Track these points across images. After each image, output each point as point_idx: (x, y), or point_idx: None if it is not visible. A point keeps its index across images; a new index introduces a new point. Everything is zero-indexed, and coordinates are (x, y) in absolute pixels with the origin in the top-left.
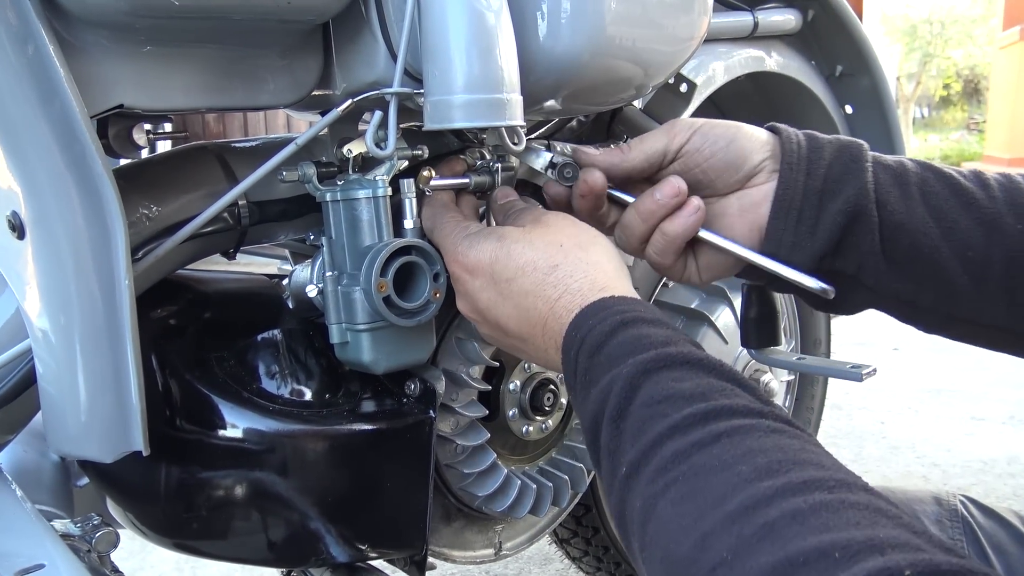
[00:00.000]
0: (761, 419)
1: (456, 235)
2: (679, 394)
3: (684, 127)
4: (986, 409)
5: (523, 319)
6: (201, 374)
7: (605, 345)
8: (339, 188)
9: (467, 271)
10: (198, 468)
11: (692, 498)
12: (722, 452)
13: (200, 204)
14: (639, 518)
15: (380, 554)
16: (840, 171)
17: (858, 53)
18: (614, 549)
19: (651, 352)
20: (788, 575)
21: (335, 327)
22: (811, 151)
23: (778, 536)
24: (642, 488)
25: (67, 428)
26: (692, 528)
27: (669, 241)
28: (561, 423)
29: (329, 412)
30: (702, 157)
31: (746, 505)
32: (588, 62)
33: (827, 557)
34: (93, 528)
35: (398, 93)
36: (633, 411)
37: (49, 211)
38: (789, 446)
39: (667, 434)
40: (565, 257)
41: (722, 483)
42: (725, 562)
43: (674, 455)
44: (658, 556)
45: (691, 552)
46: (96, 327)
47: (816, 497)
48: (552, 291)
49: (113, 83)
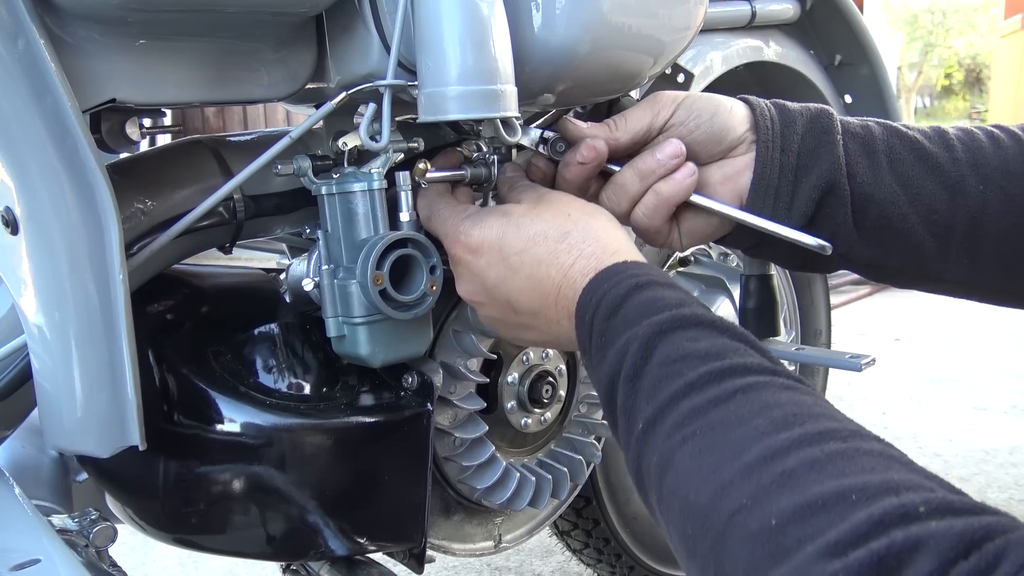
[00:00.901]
0: (775, 376)
1: (456, 218)
2: (695, 353)
3: (667, 101)
4: (988, 399)
5: (535, 290)
6: (198, 368)
7: (620, 308)
8: (334, 181)
9: (472, 251)
10: (196, 463)
11: (710, 451)
12: (738, 407)
13: (195, 199)
14: (656, 471)
15: (379, 547)
16: (812, 144)
17: (857, 42)
18: (615, 541)
19: (666, 313)
20: (807, 517)
21: (332, 321)
22: (784, 125)
23: (796, 482)
24: (659, 443)
25: (63, 423)
26: (711, 478)
27: (662, 202)
28: (560, 415)
29: (326, 406)
30: (686, 130)
31: (764, 456)
32: (584, 52)
33: (845, 500)
34: (91, 523)
35: (392, 85)
36: (649, 370)
37: (42, 206)
38: (803, 401)
39: (684, 391)
40: (575, 225)
41: (739, 436)
42: (744, 508)
43: (691, 411)
44: (676, 506)
45: (710, 500)
46: (91, 322)
47: (831, 446)
48: (566, 257)
49: (105, 77)
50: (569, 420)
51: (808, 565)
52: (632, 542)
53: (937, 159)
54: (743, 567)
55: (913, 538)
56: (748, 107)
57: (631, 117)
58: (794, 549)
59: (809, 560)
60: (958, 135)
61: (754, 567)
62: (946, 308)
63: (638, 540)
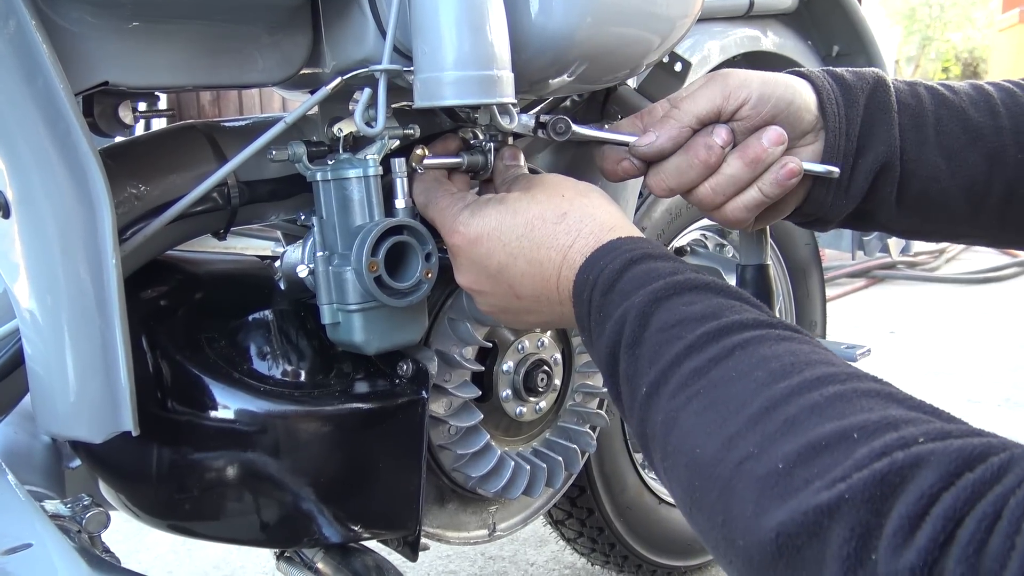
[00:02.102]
0: (771, 329)
1: (454, 208)
2: (691, 316)
3: (738, 85)
4: (981, 391)
5: (537, 274)
6: (192, 355)
7: (617, 282)
8: (330, 168)
9: (471, 241)
10: (189, 449)
11: (714, 407)
12: (737, 363)
13: (189, 184)
14: (661, 431)
15: (373, 535)
16: (870, 124)
17: (855, 33)
18: (609, 531)
19: (660, 282)
20: (812, 457)
21: (326, 308)
22: (847, 107)
23: (799, 427)
24: (663, 404)
25: (56, 409)
26: (716, 432)
27: (764, 200)
28: (555, 404)
29: (321, 393)
30: (761, 120)
31: (766, 406)
32: (581, 39)
33: (847, 438)
34: (83, 508)
35: (387, 70)
36: (648, 337)
37: (34, 190)
38: (799, 350)
39: (684, 354)
40: (571, 205)
41: (741, 390)
42: (751, 456)
43: (692, 372)
44: (682, 462)
45: (717, 453)
46: (84, 307)
47: (830, 390)
48: (564, 238)
49: (97, 60)
50: (564, 409)
51: (815, 495)
52: (626, 532)
53: (981, 129)
54: (752, 508)
55: (913, 456)
56: (814, 89)
57: (699, 99)
58: (801, 487)
59: (816, 492)
60: (1003, 99)
61: (763, 508)
62: (941, 302)
63: (632, 530)
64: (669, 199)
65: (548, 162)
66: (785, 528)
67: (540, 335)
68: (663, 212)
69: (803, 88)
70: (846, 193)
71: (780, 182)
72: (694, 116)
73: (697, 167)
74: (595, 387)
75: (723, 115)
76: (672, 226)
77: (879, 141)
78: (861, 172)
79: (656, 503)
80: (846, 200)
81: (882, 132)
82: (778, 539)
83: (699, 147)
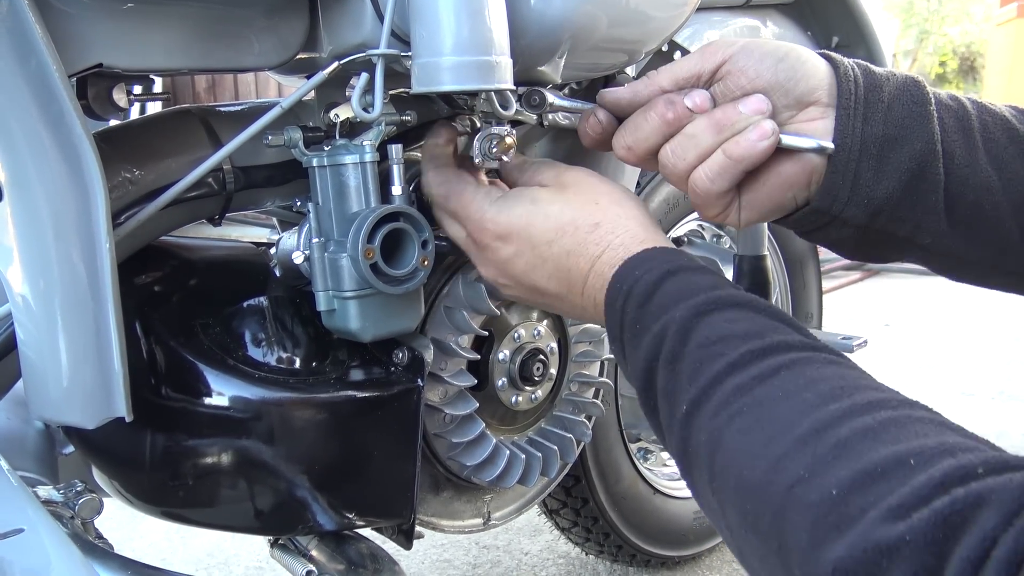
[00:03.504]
0: (816, 352)
1: (482, 202)
2: (733, 334)
3: (721, 44)
4: (976, 384)
5: (563, 279)
6: (186, 341)
7: (655, 294)
8: (326, 154)
9: (499, 238)
10: (183, 436)
11: (760, 427)
12: (784, 383)
13: (183, 168)
14: (705, 451)
15: (368, 523)
16: (902, 115)
17: (854, 24)
18: (603, 520)
19: (701, 296)
20: (867, 484)
21: (322, 294)
22: (868, 91)
23: (852, 451)
24: (706, 423)
25: (49, 394)
26: (764, 453)
27: (730, 164)
28: (551, 394)
29: (316, 380)
30: (747, 78)
31: (816, 428)
32: (580, 26)
33: (904, 465)
34: (76, 494)
35: (385, 55)
36: (688, 353)
37: (27, 172)
38: (848, 375)
39: (726, 371)
40: (604, 214)
41: (789, 410)
42: (803, 480)
43: (736, 389)
44: (731, 484)
45: (766, 475)
46: (77, 292)
47: (882, 415)
48: (595, 248)
49: (91, 41)
50: (560, 398)
51: (872, 530)
52: (620, 521)
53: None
54: (807, 538)
55: (975, 494)
56: (830, 64)
57: (679, 62)
58: (857, 517)
59: (873, 525)
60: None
61: (818, 539)
62: (936, 295)
63: (626, 519)
64: (668, 189)
65: (546, 150)
66: (843, 564)
67: (536, 324)
68: (660, 202)
69: (807, 53)
70: (870, 189)
71: (747, 142)
72: (670, 76)
73: (654, 121)
74: (591, 376)
75: (702, 77)
76: (669, 216)
77: (915, 136)
78: (891, 165)
79: (651, 493)
80: (869, 200)
81: (917, 126)
82: (834, 574)
83: (660, 101)
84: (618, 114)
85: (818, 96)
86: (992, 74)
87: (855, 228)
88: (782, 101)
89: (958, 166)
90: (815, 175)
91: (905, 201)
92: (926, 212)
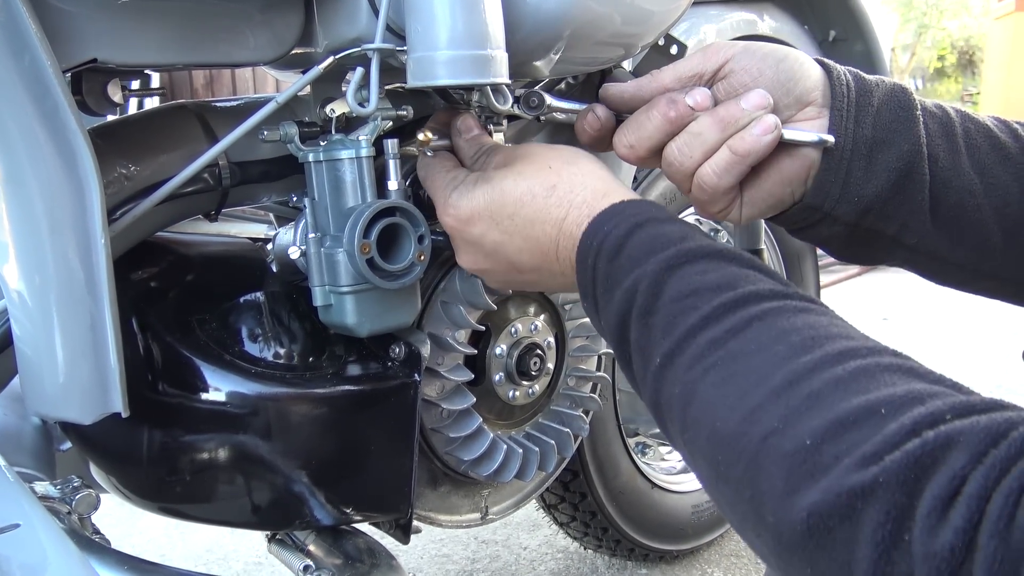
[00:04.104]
0: (787, 300)
1: (445, 189)
2: (705, 286)
3: (723, 46)
4: (974, 378)
5: (534, 249)
6: (183, 336)
7: (624, 247)
8: (322, 149)
9: (463, 222)
10: (180, 431)
11: (734, 379)
12: (757, 335)
13: (179, 164)
14: (678, 403)
15: (365, 517)
16: (890, 119)
17: (852, 17)
18: (601, 515)
19: (671, 249)
20: (840, 434)
21: (318, 290)
22: (859, 95)
23: (824, 402)
24: (680, 375)
25: (45, 390)
26: (738, 405)
27: (736, 160)
28: (548, 388)
29: (313, 375)
30: (749, 77)
31: (789, 380)
32: (576, 19)
33: (875, 414)
34: (73, 490)
35: (380, 49)
36: (661, 307)
37: (22, 168)
38: (818, 323)
39: (700, 325)
40: (559, 176)
41: (762, 363)
42: (777, 431)
43: (709, 343)
44: (703, 435)
45: (740, 426)
46: (73, 288)
47: (853, 364)
48: (557, 211)
49: (85, 37)
50: (557, 393)
51: (846, 475)
52: (618, 516)
53: (1008, 148)
54: (781, 486)
55: (944, 436)
56: (823, 68)
57: (682, 62)
58: (831, 465)
59: (847, 471)
60: (1021, 124)
61: (793, 486)
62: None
63: (624, 514)
64: (665, 183)
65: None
66: (817, 509)
67: (533, 319)
68: (658, 196)
69: (803, 56)
70: (860, 187)
71: (752, 137)
72: (673, 74)
73: (656, 120)
74: (588, 371)
75: (704, 76)
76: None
77: (902, 138)
78: (880, 165)
79: (649, 487)
80: (859, 197)
81: (904, 129)
82: (809, 519)
83: (662, 100)
84: (620, 109)
85: (814, 97)
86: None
87: (845, 226)
88: (783, 100)
89: (942, 168)
90: (812, 170)
91: (893, 200)
92: (912, 211)
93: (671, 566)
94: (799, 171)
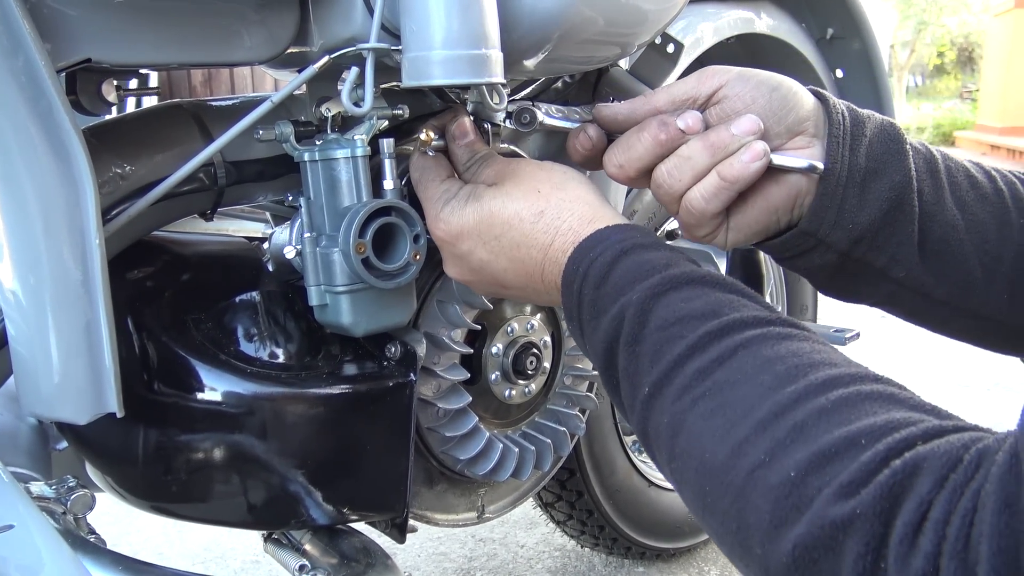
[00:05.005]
0: (771, 327)
1: (437, 200)
2: (691, 314)
3: (718, 71)
4: (972, 376)
5: (519, 270)
6: (178, 336)
7: (609, 275)
8: (317, 148)
9: (453, 236)
10: (176, 431)
11: (721, 411)
12: (742, 364)
13: (174, 163)
14: (667, 433)
15: (361, 517)
16: (881, 150)
17: (849, 15)
18: (598, 513)
19: (656, 276)
20: (823, 465)
21: (314, 289)
22: (854, 124)
23: (808, 434)
24: (668, 406)
25: (40, 390)
26: (726, 437)
27: (725, 186)
28: (544, 387)
29: (308, 375)
30: (742, 103)
31: (774, 412)
32: (572, 18)
33: (855, 445)
34: (68, 490)
35: (375, 49)
36: (648, 335)
37: (15, 167)
38: (801, 349)
39: (686, 354)
40: (547, 202)
41: (748, 394)
42: (763, 464)
43: (696, 373)
44: (692, 466)
45: (727, 459)
46: (68, 288)
47: (836, 394)
48: (543, 237)
49: (80, 36)
50: (553, 392)
51: (828, 508)
52: (615, 514)
53: (984, 188)
54: (768, 519)
55: (911, 463)
56: (818, 98)
57: (676, 84)
58: (814, 496)
59: (828, 503)
60: (993, 168)
61: (780, 518)
62: None
63: (621, 512)
64: None
65: (538, 145)
66: (802, 541)
67: (530, 318)
68: (648, 203)
69: (797, 85)
70: (854, 215)
71: (740, 164)
72: (666, 97)
73: (647, 141)
74: (585, 370)
75: (698, 100)
76: (663, 210)
77: (893, 169)
78: (873, 194)
79: (645, 485)
80: (853, 225)
81: (895, 160)
82: (795, 551)
83: (653, 122)
84: (612, 129)
85: (806, 127)
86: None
87: (837, 254)
88: (774, 128)
89: (928, 203)
90: (800, 198)
91: (884, 230)
92: (901, 243)
93: (668, 564)
94: (786, 199)
